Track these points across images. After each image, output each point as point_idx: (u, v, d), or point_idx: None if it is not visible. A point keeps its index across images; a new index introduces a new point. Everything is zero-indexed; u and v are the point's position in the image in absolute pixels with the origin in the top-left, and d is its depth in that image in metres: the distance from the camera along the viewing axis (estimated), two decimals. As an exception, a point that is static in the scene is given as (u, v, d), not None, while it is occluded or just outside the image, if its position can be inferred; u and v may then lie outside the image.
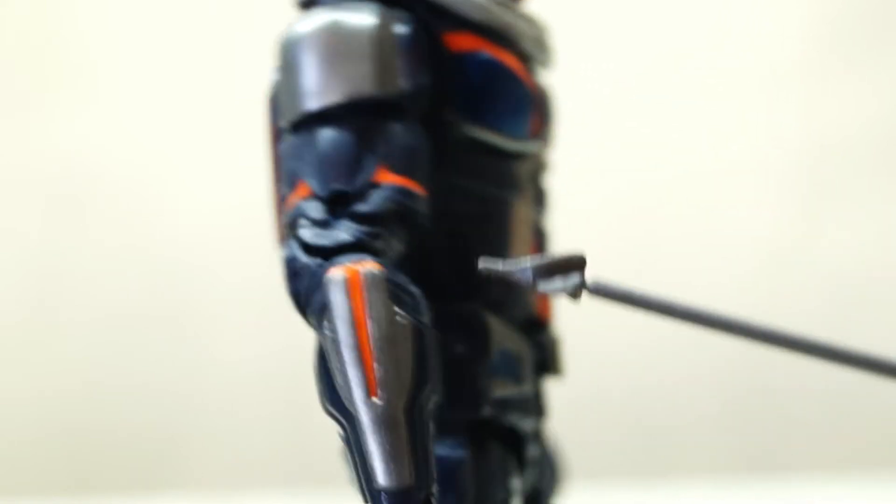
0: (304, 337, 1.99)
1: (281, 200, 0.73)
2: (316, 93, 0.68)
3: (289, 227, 0.69)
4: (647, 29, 1.75)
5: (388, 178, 0.68)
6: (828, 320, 1.73)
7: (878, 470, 1.66)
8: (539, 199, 0.79)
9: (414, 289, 0.66)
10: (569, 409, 1.73)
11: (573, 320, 1.82)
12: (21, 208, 1.76)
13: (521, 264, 0.64)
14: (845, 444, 1.72)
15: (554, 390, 1.87)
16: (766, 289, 1.73)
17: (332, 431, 2.05)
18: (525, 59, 0.75)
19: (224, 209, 1.75)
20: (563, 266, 0.63)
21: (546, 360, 0.79)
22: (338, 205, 0.67)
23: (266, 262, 1.76)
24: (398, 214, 0.68)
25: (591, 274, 0.64)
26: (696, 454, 1.72)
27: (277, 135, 0.72)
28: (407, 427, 0.63)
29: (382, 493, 0.62)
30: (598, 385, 1.73)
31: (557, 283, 0.63)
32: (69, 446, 1.76)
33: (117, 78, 1.77)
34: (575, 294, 0.62)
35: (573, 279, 0.62)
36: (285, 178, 0.70)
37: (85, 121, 1.76)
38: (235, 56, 1.73)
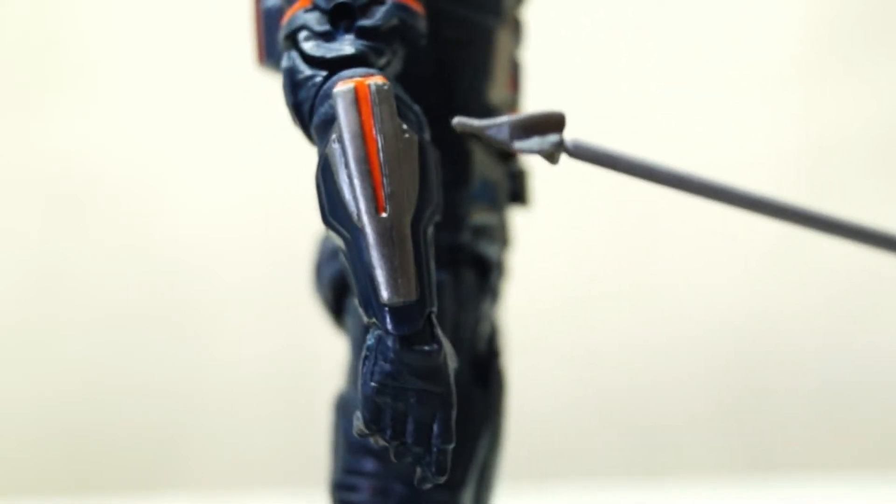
0: (304, 337, 1.99)
1: (264, 14, 0.73)
2: None
3: (288, 39, 0.68)
4: (647, 29, 1.75)
5: None
6: (827, 320, 1.73)
7: (878, 470, 1.66)
8: (517, 30, 0.79)
9: (416, 106, 0.66)
10: (568, 409, 1.74)
11: (574, 320, 1.82)
12: (21, 208, 1.76)
13: (497, 122, 0.63)
14: (845, 444, 1.72)
15: (554, 390, 1.88)
16: (766, 289, 1.73)
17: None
18: None
19: (224, 209, 1.76)
20: (541, 125, 0.62)
21: (516, 191, 0.79)
22: (341, 17, 0.67)
23: (266, 262, 1.77)
24: (399, 31, 0.68)
25: (569, 134, 0.63)
26: (695, 454, 1.72)
27: None
28: (413, 244, 0.62)
29: (386, 308, 0.62)
30: (597, 385, 1.73)
31: (534, 142, 0.62)
32: (69, 446, 1.76)
33: (117, 78, 1.77)
34: (553, 154, 0.61)
35: (551, 138, 0.61)
36: None
37: (85, 121, 1.76)
38: (236, 56, 1.73)
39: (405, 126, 0.64)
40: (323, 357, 1.73)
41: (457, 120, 0.64)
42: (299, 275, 1.79)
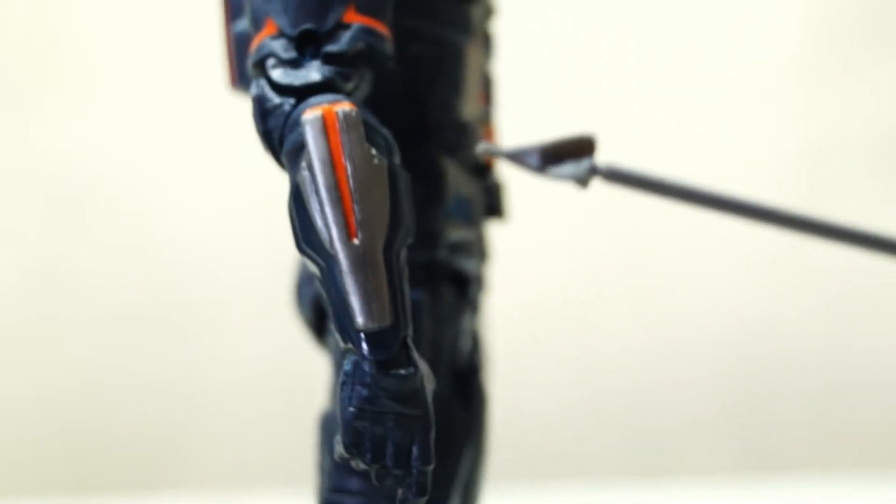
0: (304, 337, 1.98)
1: (235, 39, 0.73)
2: None
3: (257, 66, 0.68)
4: (646, 29, 1.75)
5: (356, 18, 0.68)
6: (828, 321, 1.73)
7: (879, 470, 1.66)
8: (486, 44, 0.79)
9: (385, 131, 0.66)
10: (568, 410, 1.74)
11: (574, 322, 1.83)
12: (20, 208, 1.76)
13: (527, 148, 0.62)
14: (846, 445, 1.72)
15: (554, 392, 1.88)
16: (766, 290, 1.73)
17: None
18: None
19: (224, 209, 1.76)
20: (572, 150, 0.61)
21: (492, 204, 0.79)
22: (307, 44, 0.67)
23: (266, 262, 1.77)
24: (366, 55, 0.68)
25: (602, 159, 0.62)
26: (696, 456, 1.72)
27: None
28: (385, 268, 0.62)
29: (362, 334, 0.62)
30: (597, 387, 1.73)
31: (567, 168, 0.61)
32: (69, 446, 1.76)
33: (118, 78, 1.77)
34: (585, 180, 0.60)
35: (584, 163, 0.61)
36: (251, 15, 0.69)
37: (85, 121, 1.76)
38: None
39: (374, 151, 0.64)
40: (323, 358, 1.73)
41: (482, 146, 0.64)
42: (299, 275, 1.79)
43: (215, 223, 1.76)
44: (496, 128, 0.81)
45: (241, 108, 1.86)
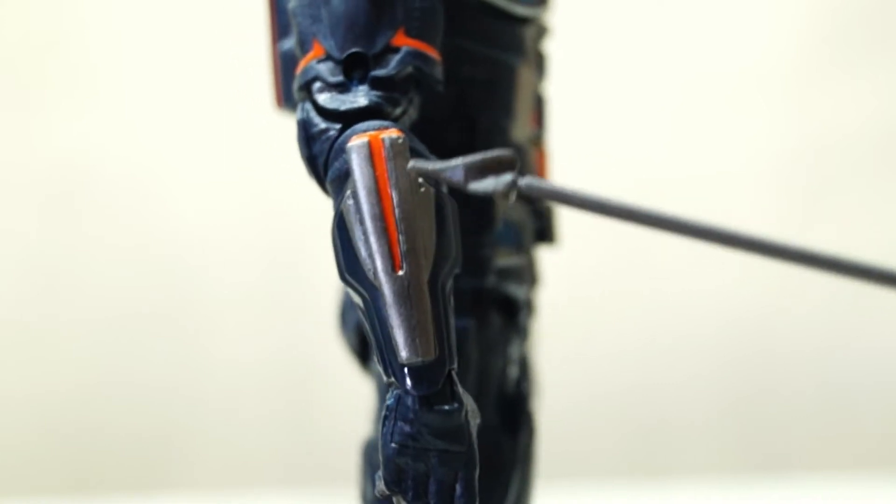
0: (303, 337, 1.98)
1: (281, 58, 0.72)
2: None
3: (302, 89, 0.67)
4: (645, 29, 1.75)
5: (406, 42, 0.66)
6: (828, 321, 1.73)
7: (878, 470, 1.66)
8: (539, 64, 0.77)
9: (433, 157, 0.65)
10: (569, 410, 1.73)
11: (574, 321, 1.82)
12: (20, 208, 1.76)
13: (452, 164, 0.62)
14: (845, 443, 1.72)
15: (555, 391, 1.87)
16: (766, 290, 1.73)
17: (332, 431, 2.04)
18: None
19: (224, 209, 1.76)
20: (495, 165, 0.62)
21: (542, 229, 0.78)
22: (355, 68, 0.66)
23: (266, 262, 1.77)
24: (414, 79, 0.67)
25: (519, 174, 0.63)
26: (696, 454, 1.72)
27: None
28: (431, 301, 0.61)
29: (405, 368, 0.61)
30: (597, 385, 1.73)
31: (489, 182, 0.62)
32: (69, 446, 1.76)
33: (117, 78, 1.77)
34: (507, 193, 0.61)
35: (504, 178, 0.61)
36: (298, 37, 0.68)
37: (84, 120, 1.76)
38: (235, 56, 1.73)
39: (421, 179, 0.63)
40: (322, 357, 1.73)
41: (411, 164, 0.63)
42: (299, 275, 1.79)
43: (214, 223, 1.76)
44: (548, 149, 0.79)
45: (242, 108, 1.86)
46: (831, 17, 1.73)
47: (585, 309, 1.74)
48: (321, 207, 1.95)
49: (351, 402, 1.79)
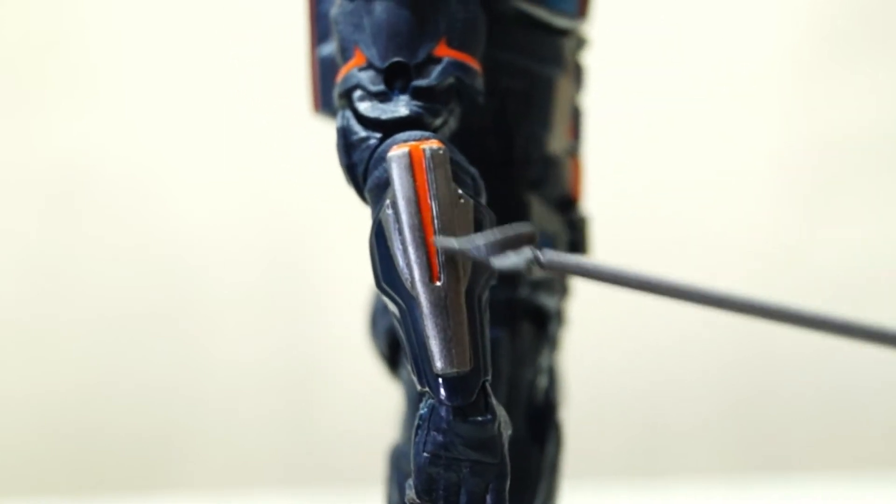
0: (303, 337, 1.98)
1: (320, 64, 0.72)
2: None
3: (343, 97, 0.67)
4: (647, 29, 1.75)
5: (447, 53, 0.66)
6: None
7: (878, 470, 1.66)
8: (577, 76, 0.77)
9: (472, 169, 0.65)
10: (570, 410, 1.73)
11: (574, 321, 1.82)
12: (20, 208, 1.76)
13: (474, 241, 0.62)
14: (845, 444, 1.72)
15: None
16: (767, 289, 1.73)
17: (332, 431, 2.03)
18: None
19: (223, 209, 1.75)
20: (515, 241, 0.62)
21: (575, 240, 0.78)
22: (396, 77, 0.66)
23: (266, 262, 1.77)
24: (455, 90, 0.66)
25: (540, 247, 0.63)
26: (697, 454, 1.72)
27: None
28: (467, 312, 0.61)
29: (440, 378, 0.61)
30: (598, 385, 1.73)
31: (511, 258, 0.62)
32: (69, 446, 1.76)
33: (117, 78, 1.77)
34: (529, 268, 0.61)
35: (525, 254, 0.62)
36: (339, 44, 0.68)
37: (84, 121, 1.76)
38: (235, 57, 1.73)
39: (460, 191, 0.63)
40: (322, 357, 1.73)
41: (437, 242, 0.62)
42: (299, 275, 1.79)
43: (214, 223, 1.76)
44: (583, 160, 0.79)
45: (242, 108, 1.86)
46: (835, 18, 1.73)
47: (586, 309, 1.74)
48: (321, 208, 1.95)
49: (351, 402, 1.79)
